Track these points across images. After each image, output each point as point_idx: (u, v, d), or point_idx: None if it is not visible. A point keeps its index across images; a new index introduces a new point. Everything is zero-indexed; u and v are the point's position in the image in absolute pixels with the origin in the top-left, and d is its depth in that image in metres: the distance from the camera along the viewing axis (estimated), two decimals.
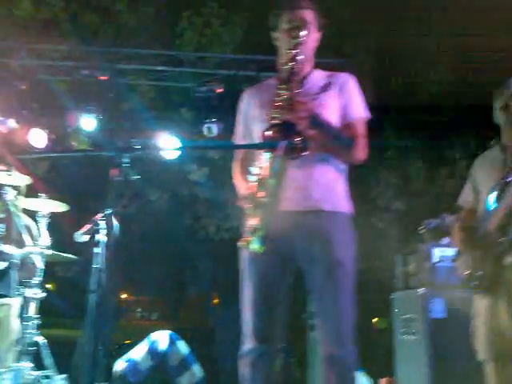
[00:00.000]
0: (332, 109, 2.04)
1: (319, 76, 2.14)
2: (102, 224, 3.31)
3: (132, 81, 5.70)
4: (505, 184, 2.26)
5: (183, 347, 3.52)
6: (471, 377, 3.07)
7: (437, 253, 3.42)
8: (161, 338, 3.46)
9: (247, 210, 1.91)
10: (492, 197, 2.36)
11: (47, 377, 3.10)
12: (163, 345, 3.43)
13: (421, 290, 3.34)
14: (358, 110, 2.09)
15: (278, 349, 2.03)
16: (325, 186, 2.00)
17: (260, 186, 1.89)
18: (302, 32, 2.00)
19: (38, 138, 5.36)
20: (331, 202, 1.99)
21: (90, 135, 5.31)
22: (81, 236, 3.18)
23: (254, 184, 1.90)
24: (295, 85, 1.96)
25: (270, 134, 1.90)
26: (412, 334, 3.42)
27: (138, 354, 3.37)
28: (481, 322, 2.32)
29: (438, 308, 3.27)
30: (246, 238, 1.88)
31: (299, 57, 1.99)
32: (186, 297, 11.74)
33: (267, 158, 1.89)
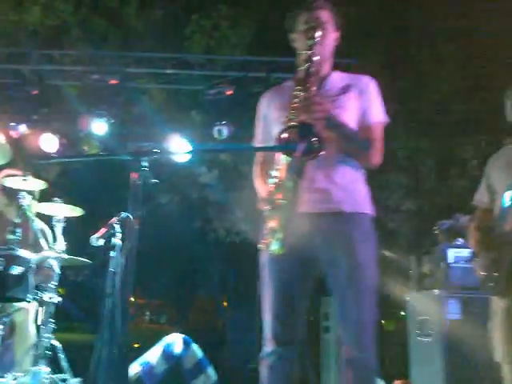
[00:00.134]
0: (350, 111, 2.04)
1: (339, 77, 2.13)
2: (118, 228, 3.35)
3: (142, 84, 5.72)
4: None
5: (197, 350, 3.53)
6: (487, 378, 3.06)
7: (452, 253, 3.41)
8: (175, 342, 3.47)
9: (266, 212, 1.91)
10: (508, 195, 2.34)
11: (63, 380, 3.11)
12: (178, 348, 3.44)
13: (436, 291, 3.33)
14: (377, 114, 2.08)
15: (297, 351, 2.03)
16: (345, 187, 2.00)
17: (278, 188, 1.89)
18: (318, 33, 1.99)
19: (50, 142, 5.40)
20: (352, 204, 1.99)
21: (102, 139, 5.33)
22: (96, 240, 3.20)
23: (272, 186, 1.91)
24: (311, 86, 1.95)
25: (286, 136, 1.90)
26: (427, 335, 3.40)
27: (153, 357, 3.38)
28: (497, 323, 2.30)
29: (454, 309, 3.26)
30: (265, 240, 1.88)
31: (315, 57, 1.98)
32: (195, 299, 11.74)
33: (284, 160, 1.90)
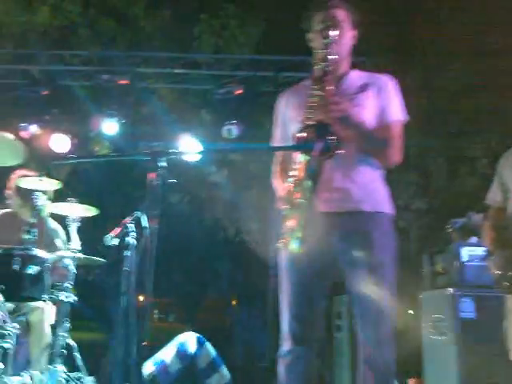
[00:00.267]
0: (369, 109, 2.03)
1: (357, 76, 2.13)
2: (132, 227, 3.37)
3: (151, 84, 5.74)
4: None
5: (211, 349, 3.54)
6: (502, 377, 3.05)
7: (465, 252, 3.39)
8: (189, 340, 3.48)
9: (284, 212, 1.92)
10: None
11: (78, 378, 3.13)
12: (192, 347, 3.45)
13: (450, 289, 3.32)
14: (396, 112, 2.07)
15: (315, 351, 2.03)
16: (364, 186, 1.99)
17: (296, 187, 1.89)
18: (334, 32, 1.99)
19: (61, 142, 5.43)
20: (371, 203, 1.98)
21: (112, 139, 5.35)
22: (111, 239, 3.22)
23: (290, 186, 1.91)
24: (328, 85, 1.95)
25: (303, 135, 1.90)
26: (441, 334, 3.39)
27: (167, 356, 3.39)
28: None
29: (468, 308, 3.25)
30: (284, 239, 1.89)
31: (331, 56, 1.98)
32: (204, 298, 11.78)
33: (302, 159, 1.90)
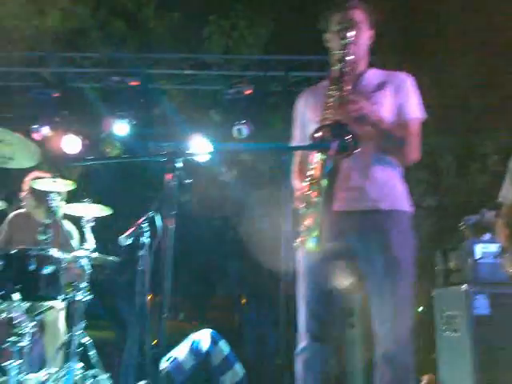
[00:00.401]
0: (386, 108, 2.04)
1: (375, 74, 2.14)
2: (146, 227, 3.41)
3: (161, 85, 5.77)
4: None
5: (225, 346, 3.56)
6: None
7: (479, 249, 3.39)
8: (203, 338, 3.51)
9: (301, 211, 1.93)
10: None
11: (94, 376, 3.17)
12: (206, 344, 3.48)
13: (464, 286, 3.32)
14: (414, 110, 2.08)
15: (332, 348, 2.05)
16: (382, 185, 2.01)
17: (312, 186, 1.91)
18: (350, 32, 2.01)
19: (72, 144, 5.48)
20: (389, 201, 2.00)
21: (123, 140, 5.39)
22: (125, 239, 3.26)
23: (307, 185, 1.93)
24: (345, 84, 1.97)
25: (320, 134, 1.92)
26: (455, 330, 3.39)
27: (181, 353, 3.42)
28: None
29: (482, 304, 3.25)
30: (301, 237, 1.90)
31: (348, 57, 2.00)
32: (213, 297, 11.81)
33: (318, 158, 1.92)
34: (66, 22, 6.67)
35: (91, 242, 3.23)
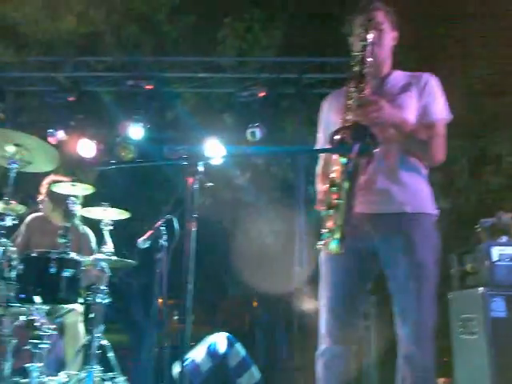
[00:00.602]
0: (411, 109, 2.05)
1: (399, 76, 2.15)
2: (164, 230, 3.44)
3: (175, 89, 5.81)
4: None
5: (241, 349, 3.58)
6: None
7: (496, 251, 3.38)
8: (219, 340, 3.53)
9: (323, 213, 1.95)
10: None
11: (112, 378, 3.20)
12: (222, 347, 3.50)
13: (480, 289, 3.30)
14: (439, 111, 2.08)
15: (353, 350, 2.06)
16: (407, 187, 2.01)
17: (334, 188, 1.92)
18: (371, 34, 2.02)
19: (87, 148, 5.53)
20: (414, 204, 2.00)
21: (138, 144, 5.44)
22: (144, 242, 3.29)
23: (329, 187, 1.94)
24: (366, 87, 1.98)
25: (339, 137, 1.92)
26: (471, 333, 3.37)
27: (198, 355, 3.44)
28: None
29: (499, 307, 3.23)
30: (323, 239, 1.92)
31: (368, 59, 2.01)
32: (224, 299, 11.81)
33: (340, 161, 1.93)
34: (80, 26, 6.73)
35: (110, 245, 3.27)
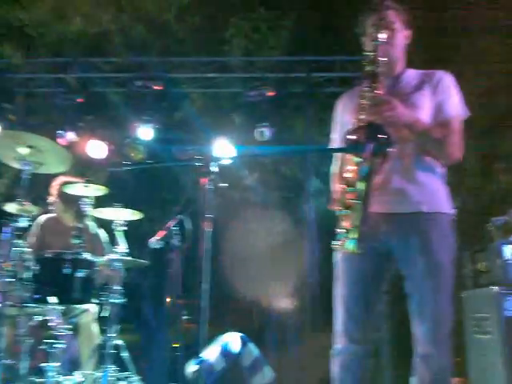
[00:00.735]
0: (424, 108, 2.04)
1: (412, 75, 2.14)
2: (176, 230, 3.45)
3: (184, 89, 5.82)
4: None
5: (254, 349, 3.59)
6: None
7: (508, 250, 3.37)
8: (233, 340, 3.54)
9: (339, 213, 1.95)
10: None
11: (127, 377, 3.23)
12: (236, 346, 3.51)
13: (494, 287, 3.29)
14: (454, 108, 2.06)
15: (370, 350, 2.06)
16: (423, 187, 2.01)
17: (349, 188, 1.92)
18: (382, 34, 2.01)
19: (97, 149, 5.55)
20: (430, 204, 2.00)
21: (147, 144, 5.45)
22: (156, 243, 3.31)
23: (344, 187, 1.94)
24: (378, 86, 1.98)
25: (354, 137, 1.92)
26: (485, 333, 3.36)
27: (211, 355, 3.45)
28: None
29: None
30: (339, 240, 1.92)
31: (380, 58, 2.00)
32: (233, 299, 11.80)
33: (354, 161, 1.93)
34: (88, 27, 6.76)
35: (123, 245, 3.28)
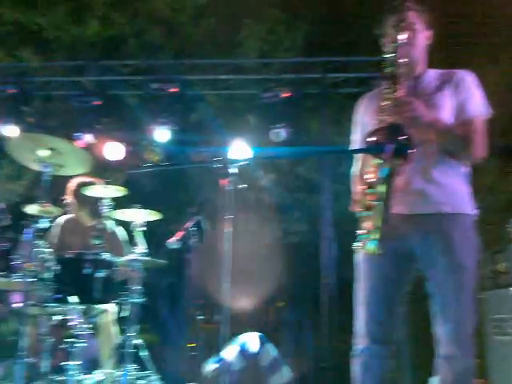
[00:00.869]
0: (446, 108, 2.03)
1: (433, 75, 2.13)
2: (193, 231, 3.48)
3: (199, 91, 5.85)
4: None
5: (272, 348, 3.60)
6: None
7: None
8: (251, 340, 3.56)
9: (360, 214, 1.95)
10: None
11: (147, 377, 3.26)
12: (254, 346, 3.53)
13: None
14: (476, 107, 2.05)
15: (391, 350, 2.06)
16: (445, 188, 2.00)
17: (370, 190, 1.92)
18: (402, 35, 2.00)
19: (114, 151, 5.60)
20: (452, 204, 1.99)
21: (163, 146, 5.48)
22: (175, 243, 3.34)
23: (365, 188, 1.95)
24: (399, 87, 1.97)
25: (374, 138, 1.92)
26: (505, 334, 3.33)
27: (230, 355, 3.47)
28: None
29: None
30: (361, 240, 1.92)
31: (401, 59, 2.00)
32: (250, 299, 11.80)
33: (375, 162, 1.93)
34: (104, 30, 6.83)
35: (142, 245, 3.31)
